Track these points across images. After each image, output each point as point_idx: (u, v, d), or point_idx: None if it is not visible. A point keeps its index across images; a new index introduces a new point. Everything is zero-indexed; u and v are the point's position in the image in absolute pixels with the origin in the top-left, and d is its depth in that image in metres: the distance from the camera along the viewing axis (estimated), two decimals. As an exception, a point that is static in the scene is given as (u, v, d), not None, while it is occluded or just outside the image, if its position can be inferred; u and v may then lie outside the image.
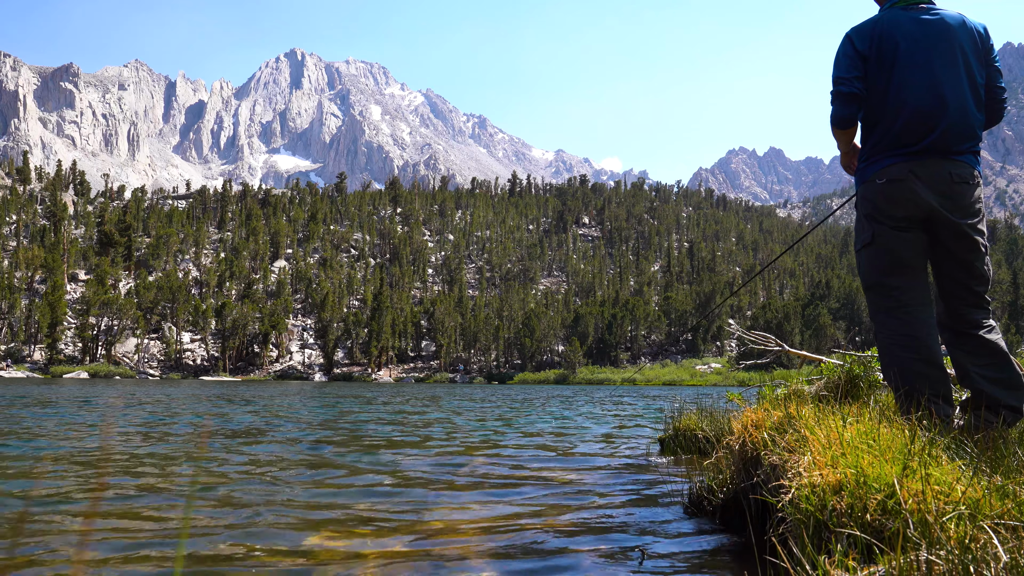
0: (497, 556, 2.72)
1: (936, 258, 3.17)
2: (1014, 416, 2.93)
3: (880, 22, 3.22)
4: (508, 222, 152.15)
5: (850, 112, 3.18)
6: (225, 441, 6.93)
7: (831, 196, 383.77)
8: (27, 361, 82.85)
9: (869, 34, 3.20)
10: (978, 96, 3.19)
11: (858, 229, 3.30)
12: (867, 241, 3.20)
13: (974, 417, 2.93)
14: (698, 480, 3.45)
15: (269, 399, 18.86)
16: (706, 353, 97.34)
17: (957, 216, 3.05)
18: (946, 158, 3.09)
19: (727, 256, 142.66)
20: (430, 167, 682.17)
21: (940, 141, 3.08)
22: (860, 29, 3.24)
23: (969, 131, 3.13)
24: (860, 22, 3.30)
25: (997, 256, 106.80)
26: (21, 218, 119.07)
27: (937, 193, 3.05)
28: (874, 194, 3.17)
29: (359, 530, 3.08)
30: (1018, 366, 3.05)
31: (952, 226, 3.06)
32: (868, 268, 3.24)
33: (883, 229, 3.13)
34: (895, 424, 2.49)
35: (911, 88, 3.12)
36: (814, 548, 1.84)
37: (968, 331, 3.09)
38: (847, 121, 3.20)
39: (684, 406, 6.60)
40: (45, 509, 3.45)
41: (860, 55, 3.19)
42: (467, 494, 4.04)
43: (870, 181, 3.21)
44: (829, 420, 2.51)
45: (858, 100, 3.17)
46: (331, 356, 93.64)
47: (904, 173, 3.09)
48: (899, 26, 3.17)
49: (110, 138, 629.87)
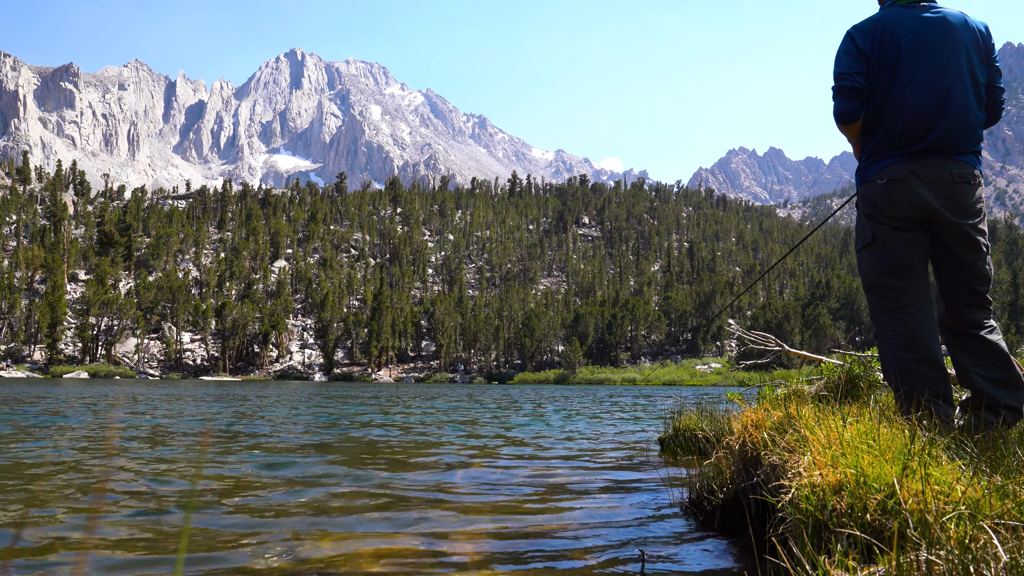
0: (493, 554, 2.72)
1: (937, 258, 3.15)
2: (1014, 416, 2.91)
3: (882, 20, 3.19)
4: (508, 222, 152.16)
5: (852, 107, 3.16)
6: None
7: (831, 196, 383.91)
8: (27, 361, 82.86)
9: (871, 32, 3.18)
10: (979, 95, 3.17)
11: (859, 229, 3.28)
12: (868, 241, 3.18)
13: (974, 417, 2.92)
14: (698, 480, 3.45)
15: (258, 402, 18.87)
16: (706, 353, 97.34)
17: (958, 216, 3.03)
18: (947, 158, 3.07)
19: (727, 256, 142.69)
20: (430, 167, 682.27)
21: (941, 141, 3.06)
22: (862, 27, 3.22)
23: (970, 131, 3.11)
24: (862, 20, 3.28)
25: (997, 256, 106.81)
26: (21, 218, 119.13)
27: (938, 193, 3.04)
28: (875, 194, 3.16)
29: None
30: (1018, 367, 3.03)
31: (953, 226, 3.03)
32: (869, 268, 3.22)
33: (884, 229, 3.11)
34: (895, 424, 2.49)
35: (913, 87, 3.10)
36: (814, 548, 1.84)
37: (969, 331, 3.07)
38: (851, 116, 3.17)
39: (684, 406, 6.59)
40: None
41: (862, 52, 3.17)
42: (465, 497, 4.04)
43: (871, 181, 3.19)
44: (829, 420, 2.51)
45: (860, 95, 3.15)
46: (331, 356, 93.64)
47: (905, 173, 3.07)
48: (901, 24, 3.15)
49: (110, 138, 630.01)
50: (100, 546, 2.75)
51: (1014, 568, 1.38)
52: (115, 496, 3.78)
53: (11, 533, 2.98)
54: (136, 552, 2.68)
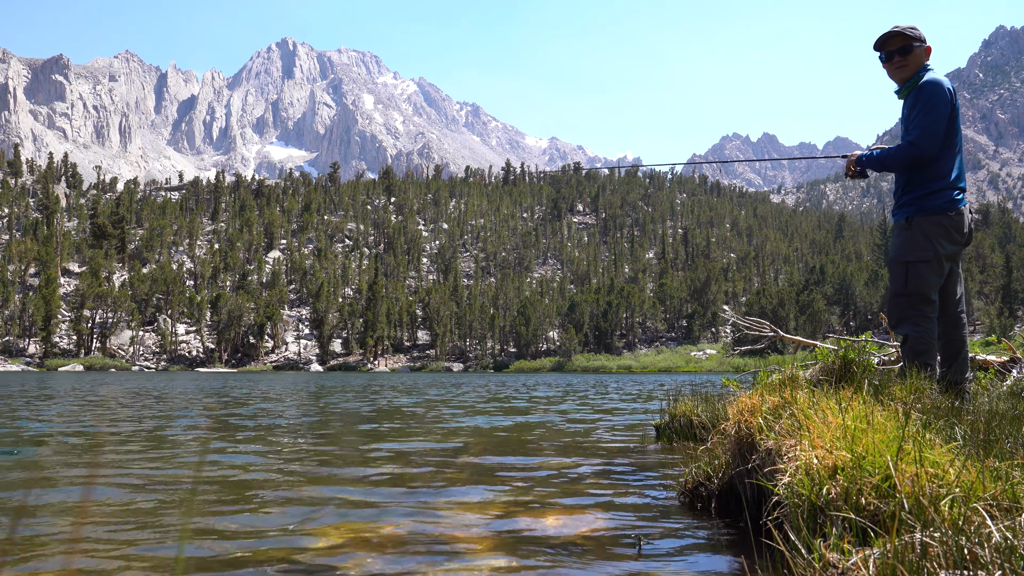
0: (494, 543, 2.74)
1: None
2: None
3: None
4: (502, 210, 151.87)
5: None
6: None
7: (824, 181, 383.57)
8: (22, 355, 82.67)
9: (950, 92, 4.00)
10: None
11: (916, 243, 3.96)
12: (927, 258, 3.93)
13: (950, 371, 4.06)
14: (694, 466, 3.47)
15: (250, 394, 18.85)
16: (702, 340, 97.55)
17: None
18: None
19: (722, 242, 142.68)
20: (424, 156, 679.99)
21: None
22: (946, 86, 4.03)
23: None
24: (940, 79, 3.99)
25: (990, 240, 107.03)
26: (13, 211, 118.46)
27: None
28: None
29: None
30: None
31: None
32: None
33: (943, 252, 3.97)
34: (889, 408, 2.51)
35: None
36: (810, 532, 1.85)
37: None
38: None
39: (679, 392, 6.61)
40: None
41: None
42: (462, 486, 4.05)
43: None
44: (823, 404, 2.53)
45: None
46: (327, 346, 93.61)
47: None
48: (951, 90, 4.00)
49: (101, 130, 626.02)
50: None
51: (1006, 548, 1.40)
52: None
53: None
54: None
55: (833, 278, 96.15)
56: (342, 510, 3.27)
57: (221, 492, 3.71)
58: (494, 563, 2.49)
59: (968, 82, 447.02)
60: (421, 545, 2.70)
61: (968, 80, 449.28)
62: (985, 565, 1.38)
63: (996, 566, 1.37)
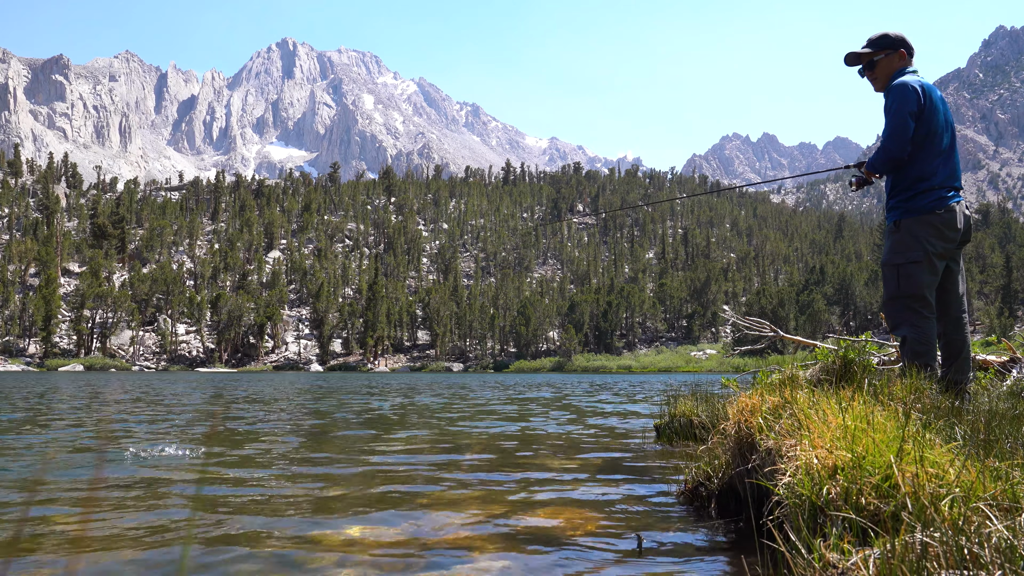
0: (494, 543, 2.74)
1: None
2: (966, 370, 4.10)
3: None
4: (502, 210, 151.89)
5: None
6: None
7: (824, 181, 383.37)
8: (22, 355, 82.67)
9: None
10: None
11: (904, 244, 4.01)
12: (918, 259, 3.96)
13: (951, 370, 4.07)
14: (694, 466, 3.47)
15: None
16: (702, 340, 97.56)
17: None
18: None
19: (721, 242, 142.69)
20: (424, 156, 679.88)
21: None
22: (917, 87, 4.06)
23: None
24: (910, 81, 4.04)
25: (990, 240, 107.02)
26: (13, 211, 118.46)
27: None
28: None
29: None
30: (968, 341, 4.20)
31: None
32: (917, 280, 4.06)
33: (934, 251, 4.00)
34: (889, 408, 2.51)
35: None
36: (810, 532, 1.84)
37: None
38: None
39: (679, 392, 6.62)
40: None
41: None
42: (464, 481, 4.05)
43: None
44: (823, 404, 2.53)
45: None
46: (327, 346, 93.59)
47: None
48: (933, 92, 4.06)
49: (101, 130, 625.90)
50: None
51: (1007, 548, 1.40)
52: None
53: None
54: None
55: (833, 278, 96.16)
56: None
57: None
58: (495, 563, 2.49)
59: (968, 82, 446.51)
60: (420, 545, 2.71)
61: (968, 80, 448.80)
62: (985, 565, 1.37)
63: (996, 566, 1.36)
